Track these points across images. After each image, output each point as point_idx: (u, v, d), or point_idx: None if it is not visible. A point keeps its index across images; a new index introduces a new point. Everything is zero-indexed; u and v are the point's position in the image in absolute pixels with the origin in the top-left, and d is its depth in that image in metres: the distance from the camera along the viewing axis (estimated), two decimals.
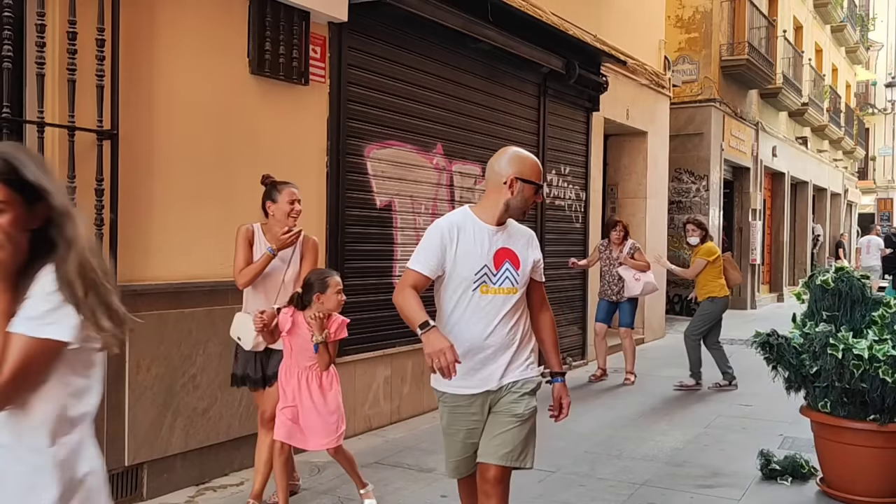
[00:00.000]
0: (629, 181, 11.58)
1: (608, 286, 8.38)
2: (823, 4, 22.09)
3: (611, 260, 8.35)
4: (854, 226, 31.04)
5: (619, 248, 8.34)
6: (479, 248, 2.93)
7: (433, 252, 2.93)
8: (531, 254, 3.06)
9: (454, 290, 2.95)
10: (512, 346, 3.00)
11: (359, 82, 5.97)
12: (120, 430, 4.29)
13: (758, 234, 17.00)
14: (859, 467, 4.50)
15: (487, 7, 6.95)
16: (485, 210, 3.02)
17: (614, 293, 8.33)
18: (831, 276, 4.68)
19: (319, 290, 3.90)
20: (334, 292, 3.94)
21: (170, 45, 4.54)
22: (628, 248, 8.30)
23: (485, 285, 2.93)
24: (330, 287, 3.92)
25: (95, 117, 4.09)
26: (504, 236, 3.00)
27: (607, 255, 8.39)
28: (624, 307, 8.39)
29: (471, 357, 2.92)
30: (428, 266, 2.93)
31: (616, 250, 8.33)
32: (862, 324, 4.55)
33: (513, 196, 2.96)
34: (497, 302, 2.95)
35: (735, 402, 7.33)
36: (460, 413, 3.02)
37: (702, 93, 14.68)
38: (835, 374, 4.40)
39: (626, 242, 8.35)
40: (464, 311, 2.95)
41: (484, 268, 2.92)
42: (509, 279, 2.96)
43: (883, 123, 35.66)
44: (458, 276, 2.93)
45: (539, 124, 8.46)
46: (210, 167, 4.79)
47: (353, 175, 5.94)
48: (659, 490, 4.78)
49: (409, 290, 2.91)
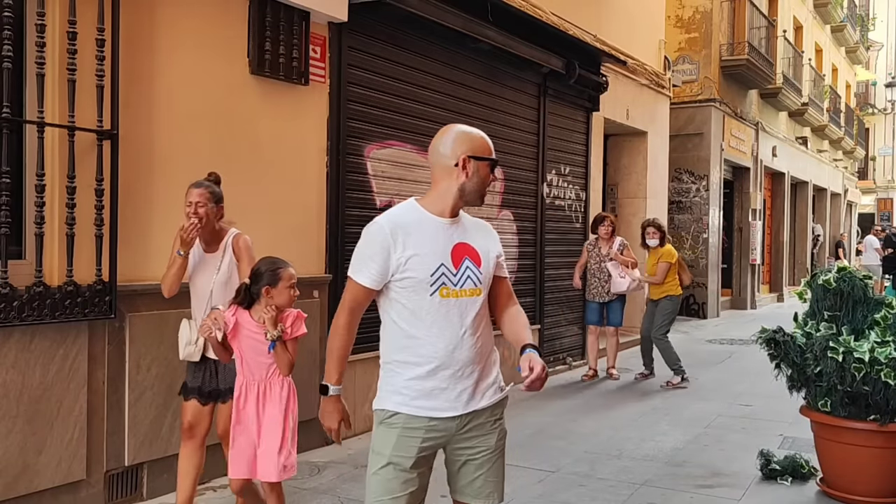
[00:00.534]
0: (629, 181, 11.58)
1: (598, 285, 8.33)
2: (823, 4, 22.10)
3: (600, 257, 8.33)
4: (854, 226, 31.05)
5: (608, 244, 8.32)
6: (432, 245, 2.47)
7: (376, 258, 2.45)
8: (492, 248, 2.64)
9: (407, 298, 2.46)
10: (480, 361, 2.56)
11: (359, 82, 5.97)
12: (120, 430, 4.29)
13: (758, 234, 17.00)
14: (859, 467, 4.50)
15: (487, 7, 6.96)
16: (434, 201, 2.56)
17: (604, 292, 8.30)
18: (833, 275, 4.67)
19: (270, 283, 3.41)
20: (287, 286, 3.44)
21: (170, 45, 4.54)
22: (617, 245, 8.31)
23: (444, 287, 2.46)
24: (282, 280, 3.43)
25: (95, 117, 4.09)
26: (460, 230, 2.57)
27: (596, 252, 8.36)
28: (614, 306, 8.38)
29: (434, 374, 2.46)
30: (371, 276, 2.46)
31: (605, 247, 8.31)
32: (864, 324, 4.54)
33: (468, 179, 2.55)
34: (461, 307, 2.49)
35: (735, 402, 7.33)
36: (414, 438, 2.46)
37: (702, 93, 14.69)
38: (836, 376, 4.39)
39: (614, 238, 8.36)
40: (422, 320, 2.46)
41: (441, 267, 2.47)
42: (471, 278, 2.52)
43: (883, 123, 35.68)
44: (410, 281, 2.45)
45: (539, 124, 8.46)
46: (210, 167, 4.77)
47: (353, 175, 5.94)
48: (659, 490, 4.78)
49: (345, 318, 2.52)
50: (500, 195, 7.89)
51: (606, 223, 8.34)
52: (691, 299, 14.81)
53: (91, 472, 4.16)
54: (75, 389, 4.05)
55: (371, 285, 2.47)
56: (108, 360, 4.23)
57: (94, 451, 4.17)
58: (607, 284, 8.27)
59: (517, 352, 2.59)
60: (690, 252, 14.68)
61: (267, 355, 3.44)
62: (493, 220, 7.77)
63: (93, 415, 4.15)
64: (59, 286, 3.94)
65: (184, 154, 4.62)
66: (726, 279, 16.36)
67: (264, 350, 3.42)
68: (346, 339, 2.53)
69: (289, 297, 3.46)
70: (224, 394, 3.82)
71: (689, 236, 14.78)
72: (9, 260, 3.81)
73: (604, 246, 8.33)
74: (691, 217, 14.79)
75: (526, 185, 8.31)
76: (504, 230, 7.95)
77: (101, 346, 4.19)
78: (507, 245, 8.01)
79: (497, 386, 2.63)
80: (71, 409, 4.03)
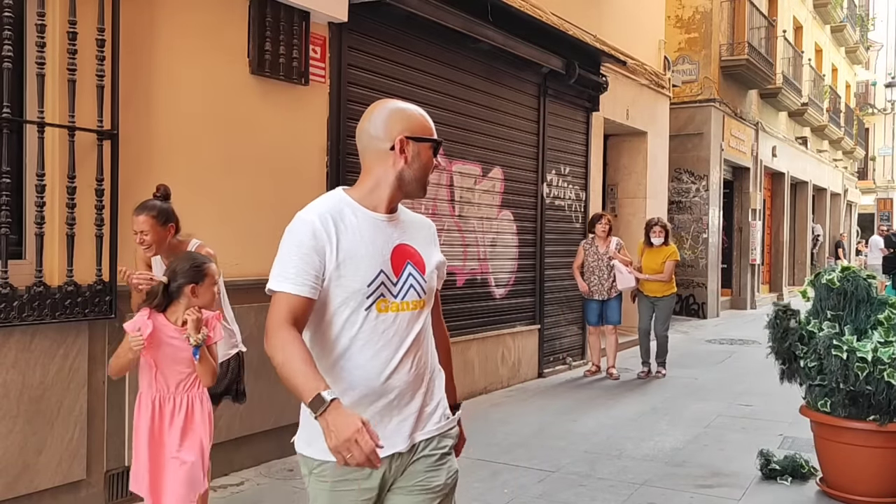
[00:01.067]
0: (629, 181, 11.59)
1: (598, 283, 8.36)
2: (823, 4, 22.11)
3: (598, 255, 8.34)
4: (854, 226, 31.05)
5: (605, 242, 8.35)
6: (368, 246, 2.02)
7: (307, 260, 1.96)
8: (435, 253, 2.21)
9: (338, 312, 2.00)
10: (422, 385, 2.09)
11: (359, 82, 5.97)
12: (120, 430, 4.29)
13: (758, 234, 17.01)
14: (859, 467, 4.50)
15: (487, 7, 6.96)
16: (368, 192, 2.08)
17: (605, 290, 8.34)
18: (837, 275, 4.67)
19: (194, 281, 3.07)
20: (212, 284, 3.13)
21: (170, 45, 4.54)
22: (615, 245, 8.37)
23: (382, 300, 2.02)
24: (208, 277, 3.11)
25: (95, 117, 4.09)
26: (399, 229, 2.11)
27: (594, 251, 8.38)
28: (613, 305, 8.42)
29: (365, 406, 1.98)
30: (304, 283, 1.95)
31: (603, 245, 8.34)
32: (867, 324, 4.54)
33: (407, 165, 2.05)
34: (402, 322, 2.04)
35: (735, 402, 7.33)
36: (347, 491, 2.01)
37: (702, 93, 14.69)
38: (840, 375, 4.39)
39: (611, 238, 8.41)
40: (353, 340, 2.00)
41: (380, 275, 2.02)
42: (414, 288, 2.08)
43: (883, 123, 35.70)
44: (343, 291, 1.99)
45: (539, 124, 8.47)
46: (210, 167, 4.80)
47: (353, 175, 5.93)
48: (659, 490, 4.79)
49: (288, 333, 1.90)
50: (500, 195, 7.89)
51: (604, 221, 8.39)
52: (691, 299, 14.81)
53: (91, 472, 4.16)
54: (75, 389, 4.05)
55: (308, 293, 1.95)
56: (107, 360, 4.23)
57: (94, 451, 4.17)
58: (606, 282, 8.30)
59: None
60: (690, 252, 14.69)
61: (185, 364, 3.07)
62: (493, 220, 7.78)
63: (93, 415, 4.15)
64: (59, 286, 3.94)
65: (184, 154, 4.62)
66: (726, 279, 16.36)
67: (183, 358, 3.05)
68: (297, 341, 1.90)
69: (212, 297, 3.15)
70: None
71: (689, 236, 14.78)
72: (9, 260, 3.81)
73: (601, 244, 8.35)
74: (691, 217, 14.79)
75: (526, 185, 8.31)
76: (504, 230, 7.96)
77: (101, 346, 4.19)
78: (507, 245, 8.01)
79: (443, 412, 2.16)
80: (71, 409, 4.03)
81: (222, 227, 4.73)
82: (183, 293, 3.07)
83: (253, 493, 4.64)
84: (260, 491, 4.68)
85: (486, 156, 7.61)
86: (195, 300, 3.08)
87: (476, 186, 7.48)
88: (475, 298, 7.51)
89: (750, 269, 16.81)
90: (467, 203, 7.34)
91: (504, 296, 7.97)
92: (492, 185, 7.74)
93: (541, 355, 8.50)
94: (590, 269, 8.38)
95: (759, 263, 17.49)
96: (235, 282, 4.79)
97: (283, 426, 5.23)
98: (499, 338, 7.83)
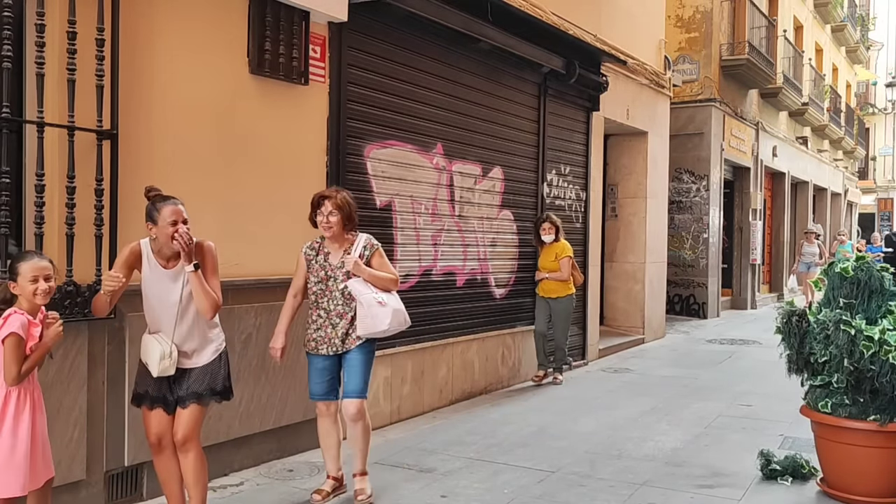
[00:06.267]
0: (629, 181, 11.58)
1: (325, 321, 7.02)
2: (824, 4, 22.09)
3: (330, 269, 7.11)
4: (854, 225, 31.04)
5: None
6: None
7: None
8: None
9: None
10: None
11: (359, 82, 5.97)
12: (120, 430, 4.29)
13: (758, 234, 17.00)
14: (860, 467, 4.50)
15: (487, 7, 6.95)
16: None
17: (337, 336, 6.99)
18: (851, 264, 4.68)
19: (12, 278, 3.20)
20: (28, 280, 3.16)
21: (169, 44, 4.54)
22: (361, 248, 7.24)
23: None
24: (20, 274, 3.17)
25: (95, 117, 4.09)
26: None
27: (321, 264, 7.26)
28: (353, 361, 7.29)
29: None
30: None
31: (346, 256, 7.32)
32: (878, 314, 4.54)
33: None
34: None
35: (735, 402, 7.33)
36: None
37: (702, 92, 14.69)
38: (846, 350, 4.39)
39: (358, 242, 7.41)
40: None
41: None
42: None
43: (883, 123, 35.70)
44: None
45: (539, 124, 8.46)
46: (210, 167, 4.79)
47: (353, 175, 5.94)
48: (659, 490, 4.78)
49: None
50: (501, 195, 7.88)
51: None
52: (691, 299, 14.81)
53: (91, 472, 4.16)
54: (75, 389, 4.04)
55: None
56: (107, 360, 4.23)
57: (94, 451, 4.17)
58: (340, 323, 6.29)
59: None
60: (691, 252, 14.69)
61: None
62: (493, 220, 7.78)
63: (93, 415, 4.15)
64: (58, 286, 3.92)
65: (183, 154, 4.62)
66: (726, 279, 16.35)
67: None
68: None
69: (30, 293, 3.16)
70: (184, 399, 3.68)
71: (689, 236, 14.78)
72: (8, 260, 3.80)
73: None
74: (691, 217, 14.79)
75: (526, 185, 8.31)
76: (504, 230, 7.96)
77: (100, 346, 4.19)
78: (508, 245, 8.01)
79: None
80: (71, 409, 4.03)
81: (222, 228, 4.73)
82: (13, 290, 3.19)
83: (253, 493, 4.64)
84: (260, 491, 4.68)
85: (487, 156, 7.61)
86: (21, 296, 3.18)
87: (476, 186, 7.48)
88: (475, 298, 7.51)
89: (750, 269, 16.81)
90: (467, 203, 7.34)
91: (504, 296, 7.96)
92: (492, 184, 7.74)
93: None
94: (315, 295, 4.49)
95: (760, 263, 17.48)
96: (235, 282, 4.79)
97: (283, 426, 5.23)
98: (499, 338, 7.83)
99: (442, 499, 4.59)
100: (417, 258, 6.72)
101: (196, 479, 3.76)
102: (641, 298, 11.40)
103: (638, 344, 11.04)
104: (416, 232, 6.70)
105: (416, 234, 6.71)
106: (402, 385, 6.48)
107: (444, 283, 7.08)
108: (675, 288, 14.66)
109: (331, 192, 4.46)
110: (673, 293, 14.52)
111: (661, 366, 9.49)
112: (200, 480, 3.77)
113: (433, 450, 5.57)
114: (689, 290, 14.79)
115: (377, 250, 4.48)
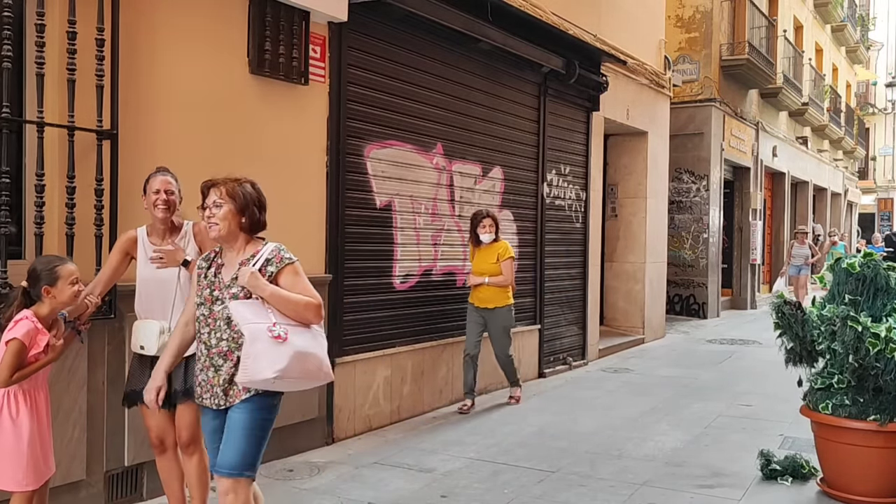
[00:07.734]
0: (629, 181, 11.58)
1: (206, 363, 5.87)
2: (824, 4, 22.09)
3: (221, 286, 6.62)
4: (854, 226, 31.04)
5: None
6: None
7: None
8: None
9: None
10: None
11: (359, 82, 5.97)
12: (120, 430, 4.28)
13: (758, 234, 17.00)
14: (860, 467, 4.50)
15: (487, 7, 6.95)
16: None
17: (218, 384, 5.57)
18: (858, 260, 4.67)
19: (48, 283, 3.20)
20: (68, 283, 3.21)
21: (169, 44, 4.54)
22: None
23: None
24: (62, 278, 3.20)
25: (95, 117, 4.09)
26: None
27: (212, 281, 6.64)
28: (235, 420, 6.15)
29: None
30: None
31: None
32: (883, 312, 4.54)
33: None
34: None
35: (735, 402, 7.33)
36: None
37: (702, 92, 14.68)
38: (851, 347, 4.39)
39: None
40: None
41: None
42: None
43: (883, 123, 35.70)
44: None
45: (539, 124, 8.46)
46: (210, 167, 4.77)
47: (353, 175, 5.94)
48: (659, 490, 4.78)
49: None
50: (501, 195, 7.88)
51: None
52: (691, 299, 14.81)
53: (91, 472, 4.16)
54: (75, 389, 4.04)
55: None
56: (107, 360, 4.23)
57: (94, 451, 4.17)
58: (223, 366, 4.84)
59: None
60: (691, 252, 14.69)
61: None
62: None
63: (93, 415, 4.15)
64: None
65: (184, 154, 4.61)
66: (726, 279, 16.35)
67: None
68: None
69: (72, 295, 3.23)
70: (182, 394, 3.60)
71: (689, 236, 14.77)
72: (9, 260, 3.81)
73: None
74: (691, 217, 14.78)
75: (526, 185, 8.31)
76: (504, 230, 7.95)
77: (100, 346, 4.19)
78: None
79: None
80: (71, 409, 4.03)
81: None
82: (42, 295, 3.22)
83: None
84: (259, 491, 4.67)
85: (487, 156, 7.61)
86: (54, 301, 3.23)
87: (476, 186, 7.48)
88: None
89: (750, 269, 16.81)
90: (467, 203, 7.33)
91: None
92: (492, 184, 7.74)
93: (541, 355, 8.50)
94: (197, 322, 3.36)
95: (760, 263, 17.48)
96: None
97: (283, 426, 5.23)
98: None
99: (442, 499, 4.59)
100: (417, 258, 6.72)
101: (199, 480, 3.78)
102: (641, 298, 11.40)
103: (638, 344, 11.04)
104: (416, 232, 6.70)
105: (416, 234, 6.71)
106: (402, 385, 6.48)
107: (444, 283, 7.07)
108: (675, 288, 14.66)
109: (226, 178, 3.24)
110: (673, 293, 14.52)
111: (661, 366, 9.49)
112: (203, 481, 3.79)
113: (433, 450, 5.57)
114: (689, 290, 14.79)
115: (288, 265, 3.15)
